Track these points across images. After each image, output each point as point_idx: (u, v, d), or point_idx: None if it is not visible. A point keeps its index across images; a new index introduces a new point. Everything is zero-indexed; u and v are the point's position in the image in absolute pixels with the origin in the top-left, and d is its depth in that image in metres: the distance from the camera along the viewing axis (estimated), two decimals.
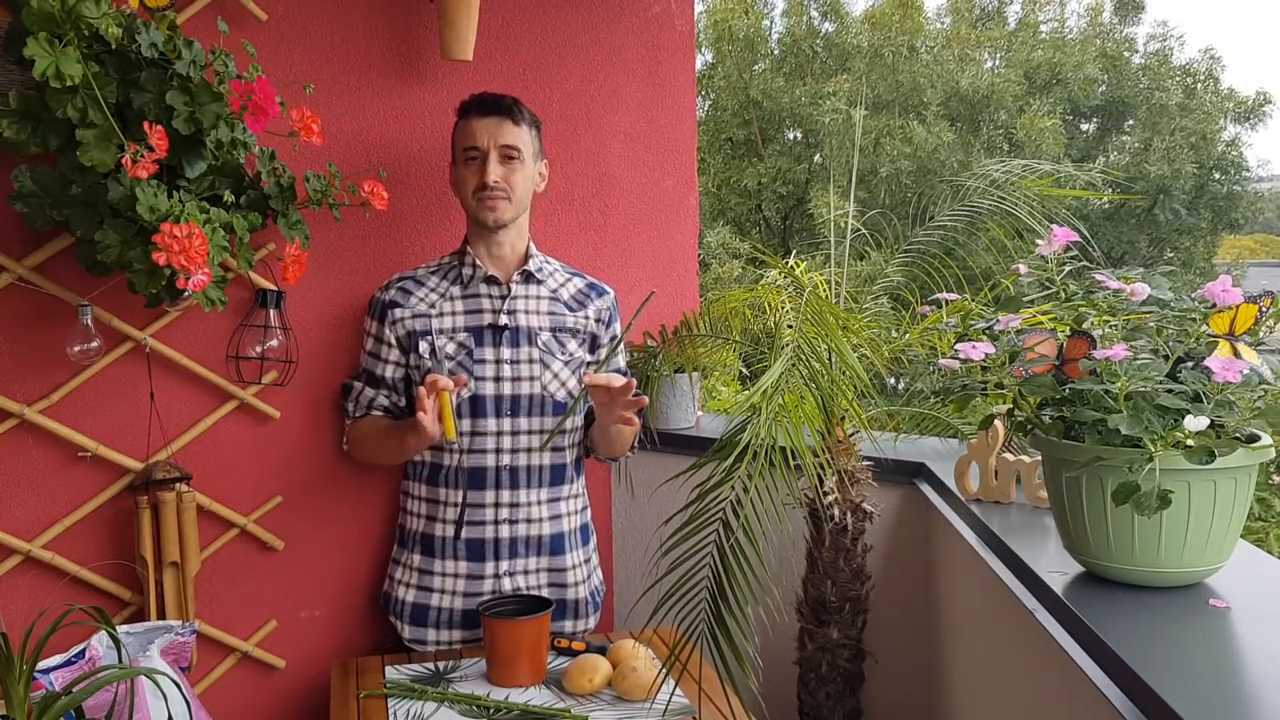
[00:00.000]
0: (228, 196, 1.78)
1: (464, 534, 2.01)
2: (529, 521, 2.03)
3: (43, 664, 1.48)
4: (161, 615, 1.92)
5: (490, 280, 2.03)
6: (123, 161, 1.58)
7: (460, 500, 2.01)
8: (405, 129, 2.18)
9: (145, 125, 1.60)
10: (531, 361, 2.01)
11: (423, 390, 1.82)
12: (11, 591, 1.86)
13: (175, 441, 1.98)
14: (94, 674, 1.26)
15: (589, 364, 2.10)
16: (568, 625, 2.09)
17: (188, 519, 1.93)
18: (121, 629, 1.65)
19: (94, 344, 1.83)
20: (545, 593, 2.04)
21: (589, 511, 2.19)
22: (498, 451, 2.00)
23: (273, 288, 2.01)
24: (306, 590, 2.15)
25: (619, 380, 1.88)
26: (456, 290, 2.03)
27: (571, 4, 2.32)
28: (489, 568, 2.01)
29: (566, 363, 2.05)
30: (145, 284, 1.67)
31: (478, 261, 2.03)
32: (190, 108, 1.66)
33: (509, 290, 2.03)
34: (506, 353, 2.01)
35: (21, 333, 1.84)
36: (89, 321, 1.82)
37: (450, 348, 2.00)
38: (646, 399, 1.91)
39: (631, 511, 2.49)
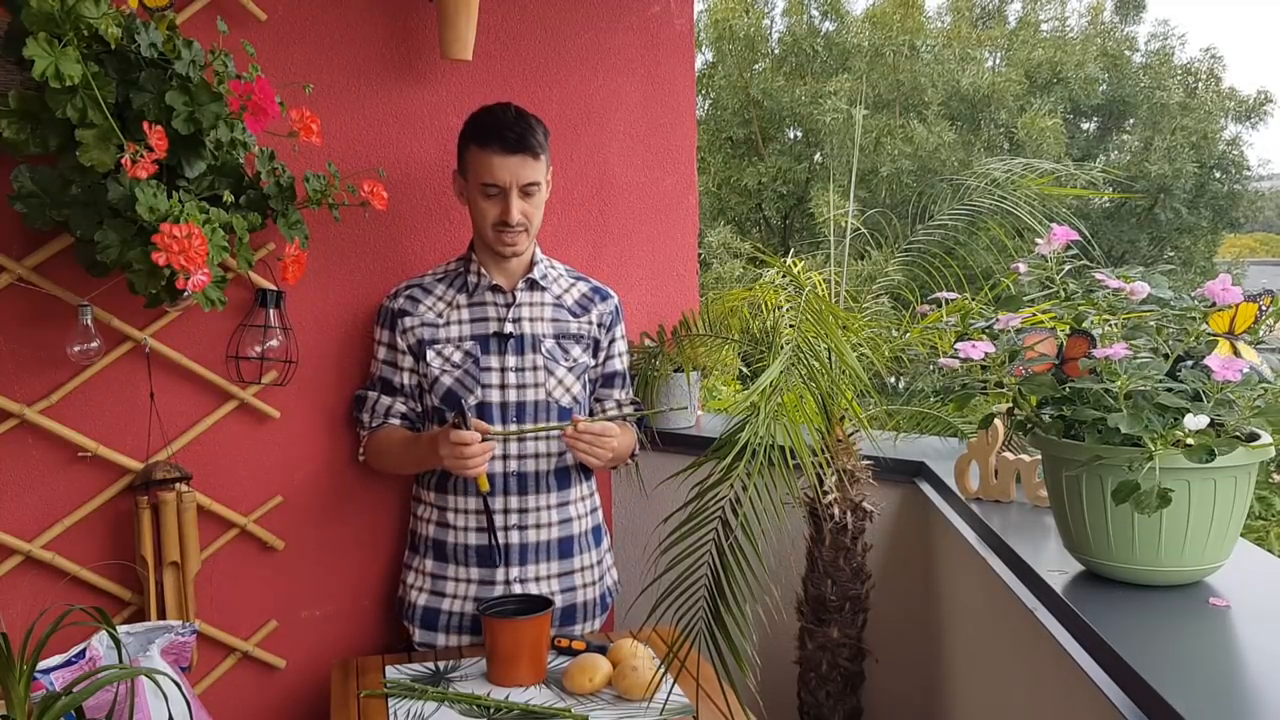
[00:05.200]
0: (227, 196, 1.78)
1: (473, 540, 2.02)
2: (538, 527, 2.04)
3: (43, 664, 1.48)
4: (162, 615, 1.92)
5: (495, 288, 2.03)
6: (122, 162, 1.58)
7: (474, 507, 2.02)
8: (405, 129, 2.18)
9: (145, 125, 1.61)
10: (536, 369, 2.02)
11: (475, 439, 1.84)
12: (11, 591, 1.86)
13: (175, 441, 1.98)
14: (94, 674, 1.26)
15: (592, 367, 2.11)
16: (577, 629, 2.09)
17: (188, 519, 1.93)
18: (122, 629, 1.65)
19: (94, 344, 1.83)
20: (557, 598, 2.04)
21: (600, 512, 2.19)
22: (504, 458, 2.00)
23: (272, 288, 2.01)
24: (306, 590, 2.15)
25: (606, 429, 1.94)
26: (462, 299, 2.04)
27: (571, 4, 2.32)
28: (499, 574, 2.02)
29: (570, 369, 2.05)
30: (145, 284, 1.67)
31: (483, 270, 2.03)
32: (190, 108, 1.66)
33: (514, 298, 2.03)
34: (511, 360, 2.01)
35: (21, 333, 1.84)
36: (89, 321, 1.82)
37: (457, 357, 2.00)
38: (606, 440, 1.95)
39: (633, 511, 2.49)
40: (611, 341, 2.14)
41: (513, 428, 2.00)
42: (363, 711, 1.74)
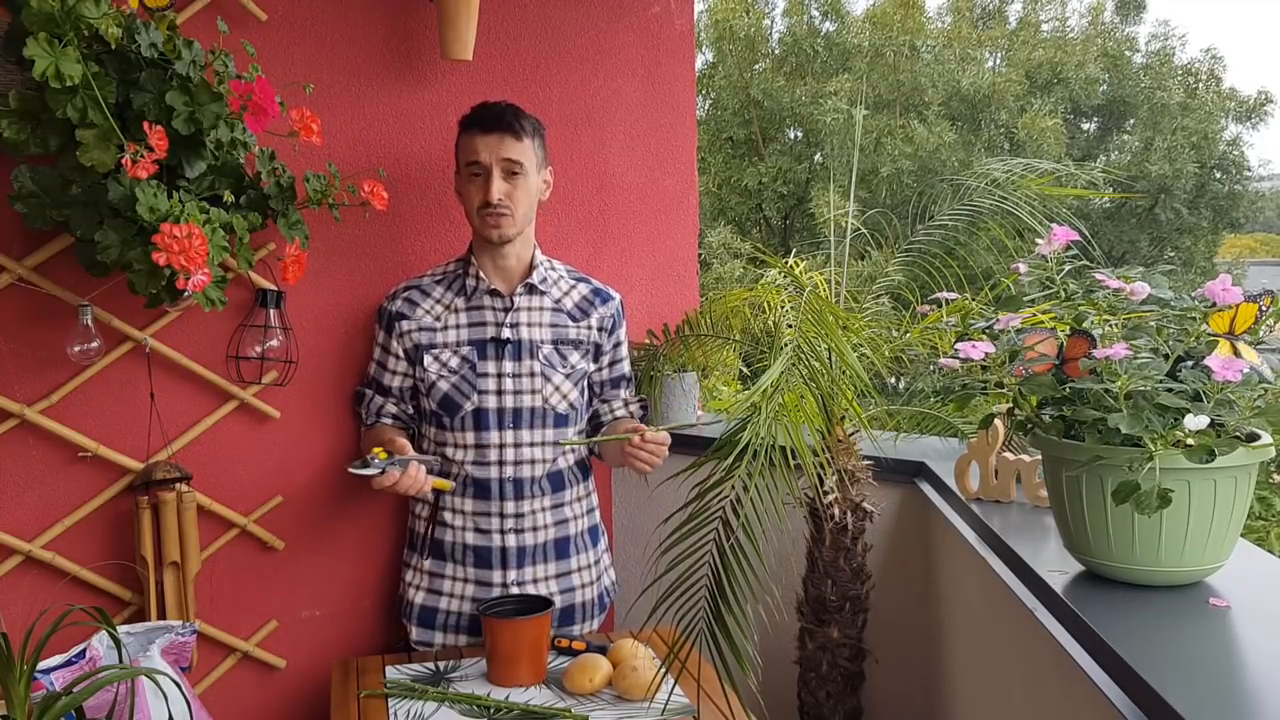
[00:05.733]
0: (228, 196, 1.78)
1: (470, 540, 2.03)
2: (534, 529, 2.04)
3: (43, 664, 1.48)
4: (162, 615, 1.92)
5: (493, 293, 2.03)
6: (123, 162, 1.58)
7: (471, 509, 2.03)
8: (405, 129, 2.18)
9: (145, 125, 1.61)
10: (533, 375, 2.02)
11: (393, 478, 1.85)
12: (11, 591, 1.86)
13: (175, 441, 1.98)
14: (94, 674, 1.26)
15: (594, 371, 2.11)
16: (576, 630, 2.09)
17: (188, 519, 1.93)
18: (122, 629, 1.65)
19: (94, 344, 1.83)
20: (555, 598, 2.04)
21: (597, 512, 2.19)
22: (500, 464, 2.01)
23: (273, 288, 2.01)
24: (307, 590, 2.15)
25: (666, 439, 1.94)
26: (460, 302, 2.04)
27: (571, 4, 2.32)
28: (496, 575, 2.02)
29: (568, 375, 2.05)
30: (145, 284, 1.67)
31: (481, 274, 2.03)
32: (190, 108, 1.66)
33: (512, 303, 2.03)
34: (508, 366, 2.01)
35: (21, 333, 1.84)
36: (89, 321, 1.82)
37: (454, 362, 2.01)
38: (664, 450, 1.95)
39: (633, 511, 2.49)
40: (616, 345, 2.13)
41: (513, 409, 2.01)
42: (363, 711, 1.74)
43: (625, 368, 2.16)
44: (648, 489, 2.34)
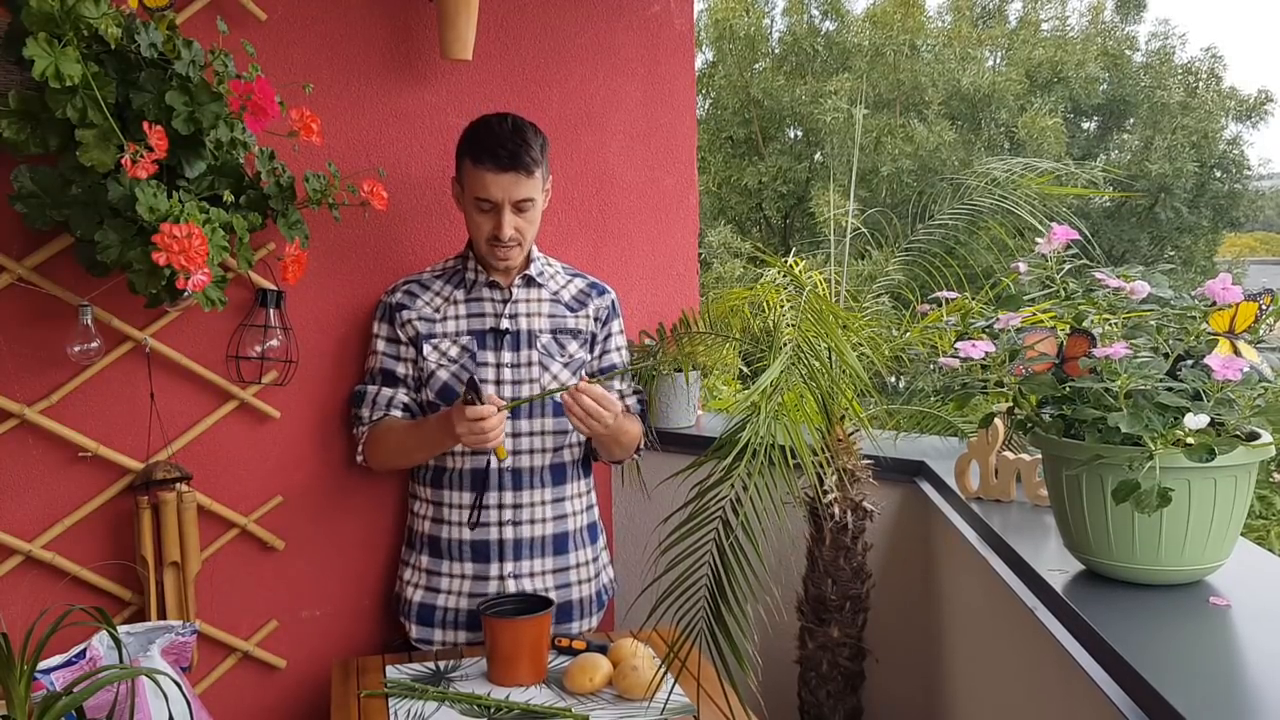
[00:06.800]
0: (227, 196, 1.78)
1: (468, 535, 2.02)
2: (533, 522, 2.04)
3: (43, 664, 1.48)
4: (162, 615, 1.92)
5: (492, 285, 2.04)
6: (122, 162, 1.58)
7: (470, 502, 2.02)
8: (405, 129, 2.18)
9: (145, 125, 1.60)
10: (531, 364, 2.02)
11: (493, 401, 1.82)
12: (12, 591, 1.86)
13: (175, 441, 1.98)
14: (95, 674, 1.26)
15: (589, 362, 2.11)
16: (574, 627, 2.09)
17: (188, 519, 1.93)
18: (122, 629, 1.65)
19: (94, 344, 1.83)
20: (551, 594, 2.04)
21: (597, 509, 2.19)
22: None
23: (273, 287, 2.01)
24: (307, 590, 2.15)
25: (604, 397, 1.87)
26: (460, 294, 2.04)
27: (571, 3, 2.32)
28: (494, 569, 2.02)
29: (566, 364, 2.05)
30: (145, 284, 1.67)
31: (480, 267, 2.03)
32: (190, 108, 1.66)
33: (510, 294, 2.04)
34: (507, 356, 2.01)
35: (21, 333, 1.84)
36: (89, 321, 1.82)
37: (453, 351, 2.01)
38: (604, 409, 1.88)
39: (633, 510, 2.49)
40: (608, 336, 2.13)
41: (511, 398, 1.98)
42: (363, 711, 1.74)
43: (615, 360, 2.15)
44: (648, 489, 2.34)
